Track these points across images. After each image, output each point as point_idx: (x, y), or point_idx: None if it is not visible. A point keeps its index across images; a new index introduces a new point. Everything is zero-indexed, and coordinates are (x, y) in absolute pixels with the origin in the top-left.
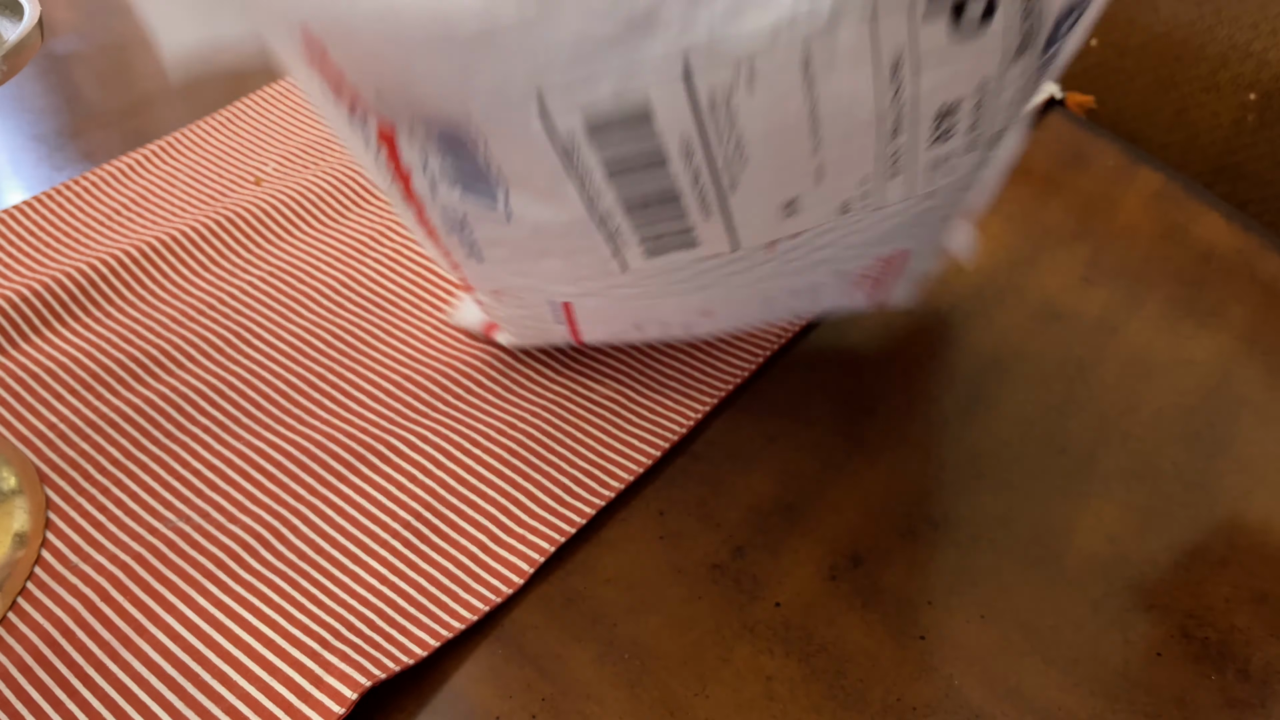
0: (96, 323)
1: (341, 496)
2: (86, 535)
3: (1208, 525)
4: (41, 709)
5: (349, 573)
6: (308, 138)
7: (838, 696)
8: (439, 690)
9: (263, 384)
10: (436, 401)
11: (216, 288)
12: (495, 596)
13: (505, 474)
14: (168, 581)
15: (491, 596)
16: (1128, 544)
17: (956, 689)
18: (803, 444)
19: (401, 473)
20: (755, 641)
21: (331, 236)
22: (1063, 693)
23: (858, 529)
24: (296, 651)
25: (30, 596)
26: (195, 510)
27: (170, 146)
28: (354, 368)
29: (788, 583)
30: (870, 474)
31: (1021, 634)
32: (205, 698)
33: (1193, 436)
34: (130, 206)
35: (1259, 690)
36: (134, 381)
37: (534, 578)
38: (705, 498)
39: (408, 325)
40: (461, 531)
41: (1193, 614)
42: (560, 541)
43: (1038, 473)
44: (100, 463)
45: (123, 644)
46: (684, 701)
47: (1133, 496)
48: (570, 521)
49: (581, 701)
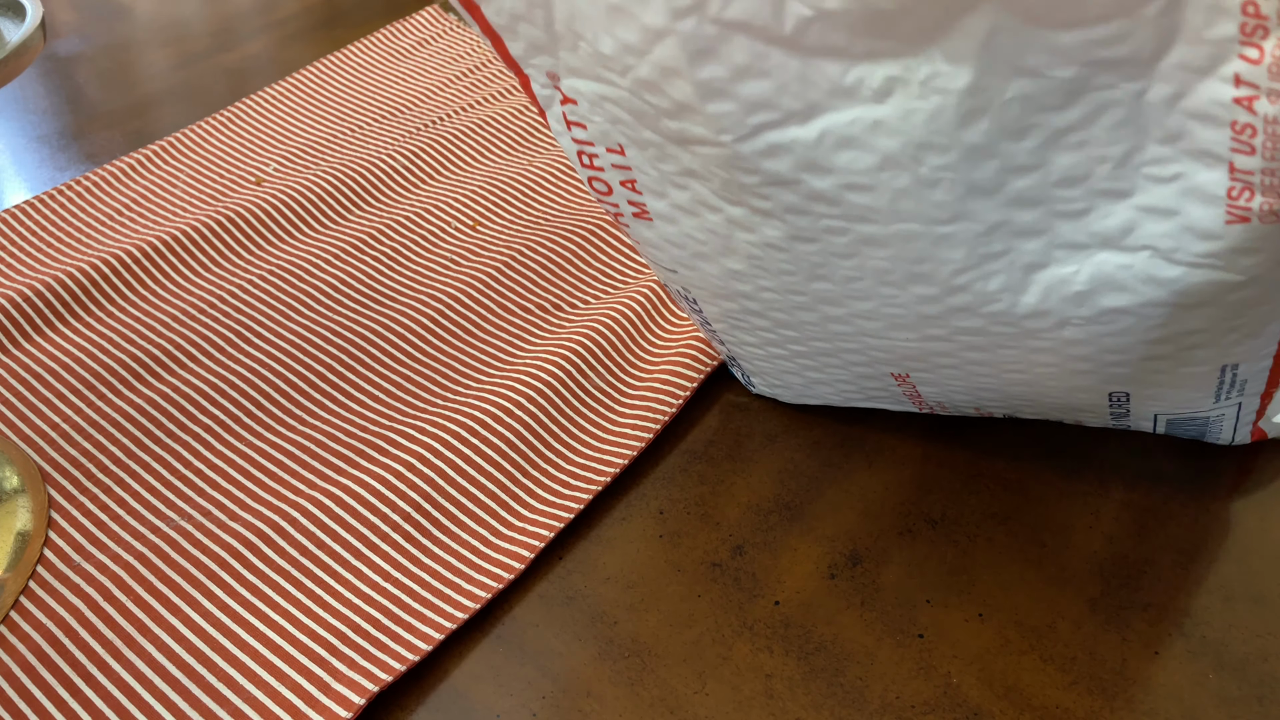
0: (98, 322)
1: (343, 490)
2: (89, 534)
3: (1206, 524)
4: (44, 708)
5: (352, 569)
6: (308, 138)
7: (837, 694)
8: (439, 688)
9: (263, 383)
10: (433, 398)
11: (216, 288)
12: (497, 584)
13: (504, 466)
14: (170, 581)
15: (494, 584)
16: (1125, 543)
17: (955, 687)
18: (802, 443)
19: (401, 464)
20: (754, 640)
21: (331, 236)
22: (1061, 691)
23: (857, 528)
24: (303, 657)
25: (33, 596)
26: (197, 509)
27: (171, 147)
28: (353, 366)
29: (787, 581)
30: (869, 473)
31: (1020, 632)
32: (209, 699)
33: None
34: (132, 206)
35: (1257, 689)
36: (135, 381)
37: (534, 576)
38: (705, 496)
39: (407, 324)
40: (461, 525)
41: (1190, 613)
42: (559, 528)
43: (1035, 472)
44: (102, 462)
45: (126, 644)
46: (684, 699)
47: (1130, 495)
48: (568, 509)
49: (581, 699)
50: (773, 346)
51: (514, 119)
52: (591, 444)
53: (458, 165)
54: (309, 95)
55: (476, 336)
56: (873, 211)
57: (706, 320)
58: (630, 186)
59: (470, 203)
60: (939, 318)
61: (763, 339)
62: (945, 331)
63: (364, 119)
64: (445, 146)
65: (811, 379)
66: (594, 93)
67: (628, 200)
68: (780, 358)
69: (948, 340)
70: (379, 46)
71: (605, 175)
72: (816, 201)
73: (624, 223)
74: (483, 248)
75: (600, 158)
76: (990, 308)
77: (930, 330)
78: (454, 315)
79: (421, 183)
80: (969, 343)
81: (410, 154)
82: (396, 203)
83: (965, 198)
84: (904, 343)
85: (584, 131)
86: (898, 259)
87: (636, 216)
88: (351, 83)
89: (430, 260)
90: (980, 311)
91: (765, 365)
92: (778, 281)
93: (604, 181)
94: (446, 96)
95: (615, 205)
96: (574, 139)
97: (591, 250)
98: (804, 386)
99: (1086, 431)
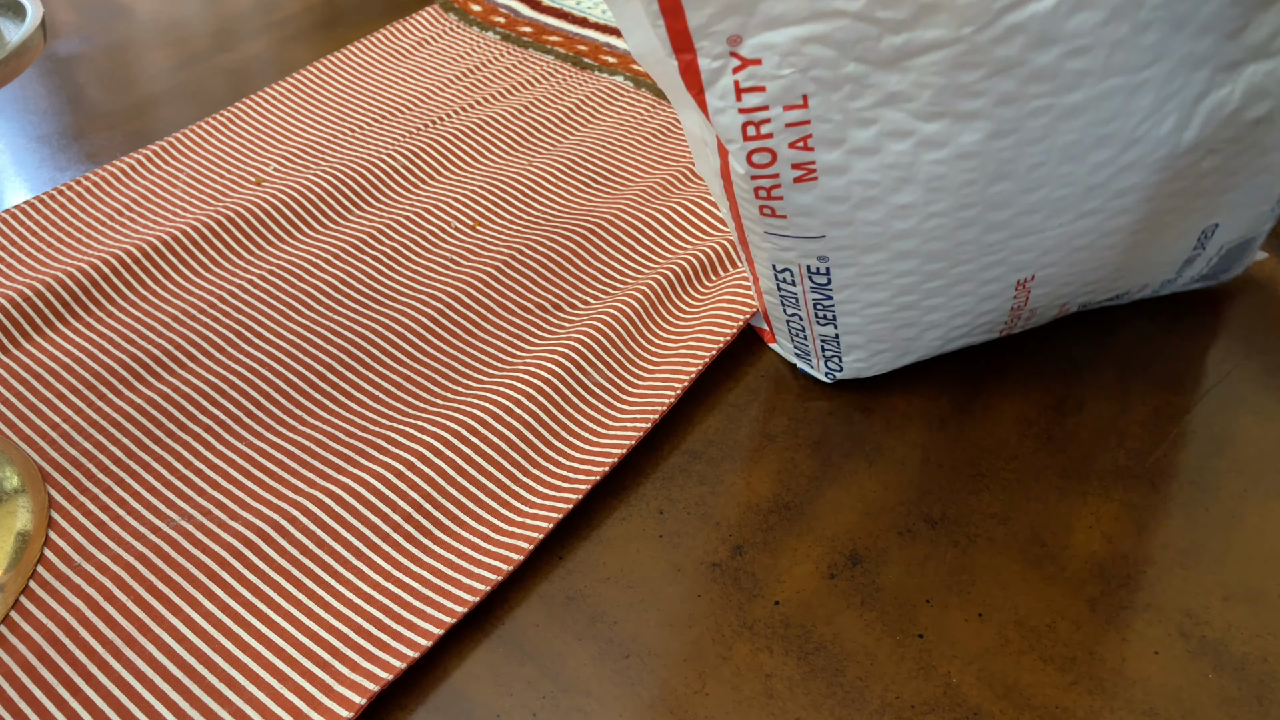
0: (98, 322)
1: (343, 488)
2: (89, 534)
3: (1205, 524)
4: (45, 708)
5: (351, 567)
6: (308, 138)
7: (836, 694)
8: (440, 688)
9: (263, 383)
10: (433, 397)
11: (216, 288)
12: (497, 576)
13: (501, 464)
14: (170, 581)
15: (494, 577)
16: (1125, 543)
17: (954, 687)
18: (802, 444)
19: (402, 462)
20: (754, 640)
21: (331, 236)
22: (1060, 691)
23: (856, 528)
24: (302, 656)
25: (33, 595)
26: (197, 509)
27: (172, 147)
28: (353, 366)
29: (787, 581)
30: (869, 473)
31: (1019, 632)
32: (210, 698)
33: (1190, 436)
34: (132, 206)
35: (1256, 688)
36: (135, 381)
37: (534, 576)
38: (704, 497)
39: (407, 324)
40: (460, 523)
41: (1190, 612)
42: (557, 519)
43: (1036, 472)
44: (102, 462)
45: (126, 643)
46: (683, 699)
47: (1130, 495)
48: (567, 500)
49: (582, 699)
50: (906, 295)
51: (514, 119)
52: (590, 439)
53: (458, 165)
54: (309, 95)
55: (476, 336)
56: (1085, 76)
57: (828, 295)
58: (802, 145)
59: (470, 203)
60: (1104, 185)
61: (897, 288)
62: (1101, 201)
63: (364, 119)
64: (445, 146)
65: (929, 322)
66: (793, 39)
67: (792, 164)
68: (905, 308)
69: (1098, 212)
70: (379, 46)
71: (773, 142)
72: (1032, 82)
73: (777, 195)
74: (483, 248)
75: (772, 122)
76: (1157, 154)
77: (1088, 205)
78: (454, 315)
79: (421, 183)
80: (1119, 206)
81: (410, 154)
82: (396, 203)
83: (1167, 36)
84: (1056, 229)
85: (759, 96)
86: (1090, 125)
87: (799, 181)
88: (351, 83)
89: (430, 260)
90: (1147, 162)
91: (879, 329)
92: (953, 200)
93: (769, 150)
94: (446, 96)
95: (775, 176)
96: (742, 109)
97: (591, 250)
98: (910, 340)
99: (1086, 431)
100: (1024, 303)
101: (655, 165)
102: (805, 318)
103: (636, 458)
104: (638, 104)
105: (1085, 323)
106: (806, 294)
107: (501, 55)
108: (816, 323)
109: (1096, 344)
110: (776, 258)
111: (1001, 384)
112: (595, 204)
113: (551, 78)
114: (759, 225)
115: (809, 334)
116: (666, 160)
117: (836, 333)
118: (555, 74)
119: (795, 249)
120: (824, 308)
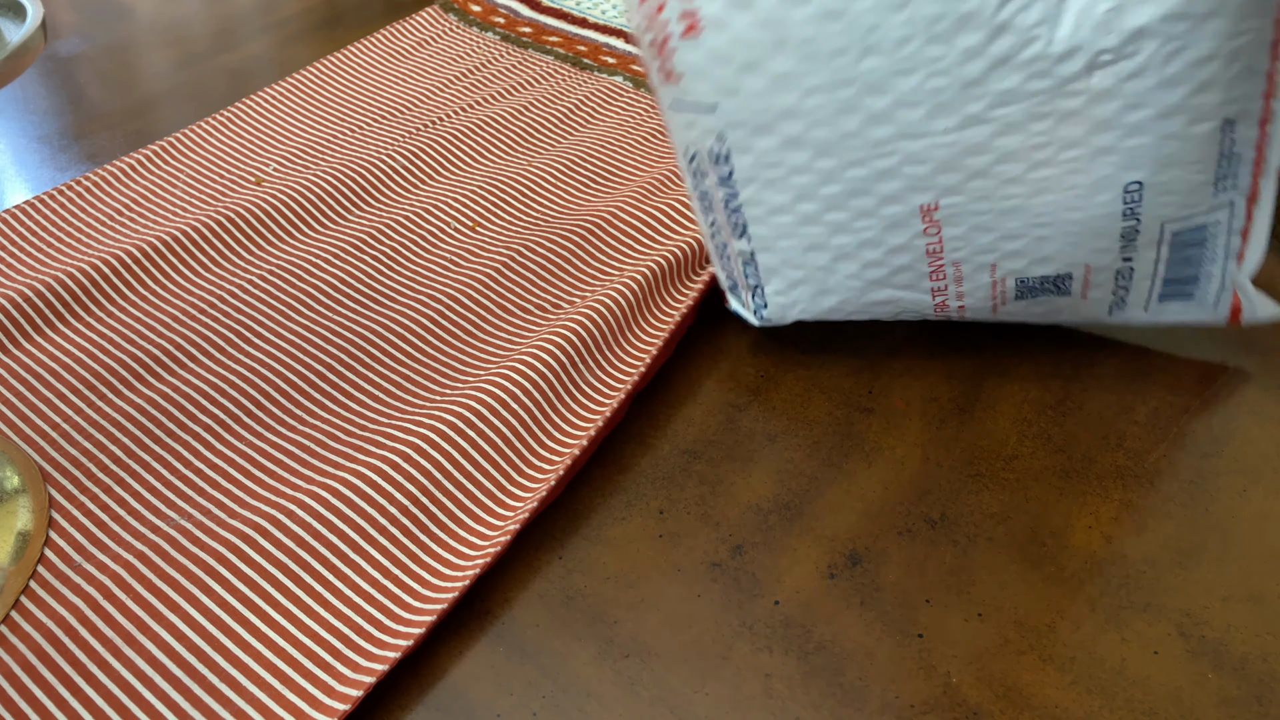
0: (98, 322)
1: (341, 483)
2: (89, 534)
3: (1204, 524)
4: (45, 707)
5: (350, 563)
6: (308, 138)
7: (836, 694)
8: (440, 688)
9: (263, 383)
10: (433, 396)
11: (216, 288)
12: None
13: (493, 457)
14: (170, 580)
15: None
16: (1125, 543)
17: (954, 687)
18: (802, 444)
19: (399, 455)
20: (754, 639)
21: (331, 236)
22: (1060, 691)
23: (856, 528)
24: (304, 657)
25: (33, 595)
26: (197, 508)
27: (172, 147)
28: (353, 366)
29: (786, 581)
30: (869, 473)
31: (1019, 632)
32: (210, 697)
33: (1190, 436)
34: (132, 206)
35: (1255, 688)
36: (135, 381)
37: (534, 576)
38: (704, 497)
39: (407, 324)
40: (453, 516)
41: (1189, 612)
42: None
43: (1035, 472)
44: (102, 461)
45: (126, 642)
46: (683, 699)
47: (1130, 496)
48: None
49: (582, 699)
50: (806, 203)
51: (514, 119)
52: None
53: (457, 165)
54: (309, 95)
55: (476, 337)
56: None
57: (734, 191)
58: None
59: (470, 203)
60: (980, 82)
61: (797, 193)
62: (983, 107)
63: (364, 119)
64: (445, 147)
65: (838, 248)
66: None
67: (679, 15)
68: (809, 221)
69: (985, 122)
70: (379, 47)
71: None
72: None
73: (671, 48)
74: (482, 248)
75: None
76: (1028, 51)
77: (971, 107)
78: (454, 315)
79: (421, 183)
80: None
81: (410, 154)
82: (396, 203)
83: None
84: (943, 138)
85: None
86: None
87: (685, 34)
88: (351, 83)
89: (430, 260)
90: (1019, 59)
91: (789, 246)
92: (827, 73)
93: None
94: (446, 97)
95: (665, 25)
96: None
97: (591, 250)
98: (824, 271)
99: (1086, 432)
100: (939, 245)
101: (655, 165)
102: (721, 224)
103: (636, 458)
104: (637, 104)
105: None
106: (716, 189)
107: (501, 56)
108: (732, 233)
109: (1096, 344)
110: (684, 140)
111: (1001, 384)
112: (595, 204)
113: (551, 78)
114: (666, 96)
115: (730, 251)
116: (666, 159)
117: (751, 248)
118: (555, 74)
119: (695, 125)
120: (734, 210)
